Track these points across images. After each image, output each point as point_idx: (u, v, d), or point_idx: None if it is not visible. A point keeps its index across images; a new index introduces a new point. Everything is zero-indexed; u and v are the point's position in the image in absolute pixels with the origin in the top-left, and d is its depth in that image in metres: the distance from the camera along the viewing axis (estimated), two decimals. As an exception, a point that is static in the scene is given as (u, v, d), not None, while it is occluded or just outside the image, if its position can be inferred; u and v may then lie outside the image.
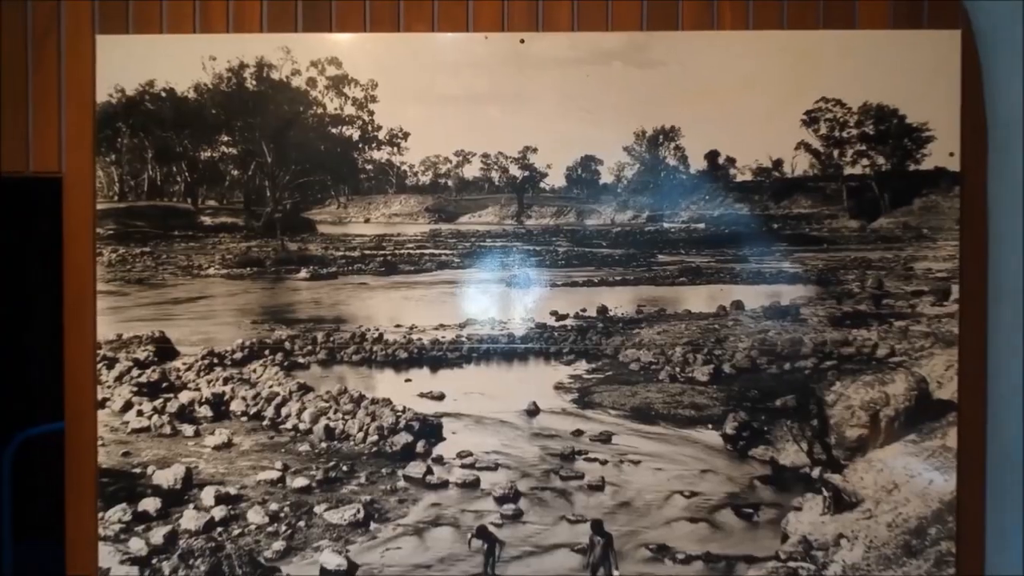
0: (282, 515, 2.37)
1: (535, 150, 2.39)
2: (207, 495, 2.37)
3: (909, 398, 2.36)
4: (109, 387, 2.39)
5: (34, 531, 5.19)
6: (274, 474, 2.38)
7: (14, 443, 4.93)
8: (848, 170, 2.37)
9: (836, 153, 2.36)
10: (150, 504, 2.38)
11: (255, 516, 2.37)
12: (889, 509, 2.36)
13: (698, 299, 2.40)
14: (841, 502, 2.36)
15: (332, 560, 2.36)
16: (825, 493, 2.36)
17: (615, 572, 2.36)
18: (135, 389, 2.39)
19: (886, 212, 2.37)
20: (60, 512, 2.72)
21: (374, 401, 2.39)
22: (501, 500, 2.37)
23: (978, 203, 2.33)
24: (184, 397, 2.39)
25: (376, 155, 2.40)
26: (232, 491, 2.37)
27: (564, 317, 2.40)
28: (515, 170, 2.41)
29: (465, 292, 2.42)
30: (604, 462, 2.37)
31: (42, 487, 5.18)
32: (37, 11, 2.38)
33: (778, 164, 2.36)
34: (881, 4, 2.35)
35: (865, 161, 2.36)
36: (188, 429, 2.39)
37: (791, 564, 2.35)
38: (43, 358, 5.47)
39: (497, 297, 2.41)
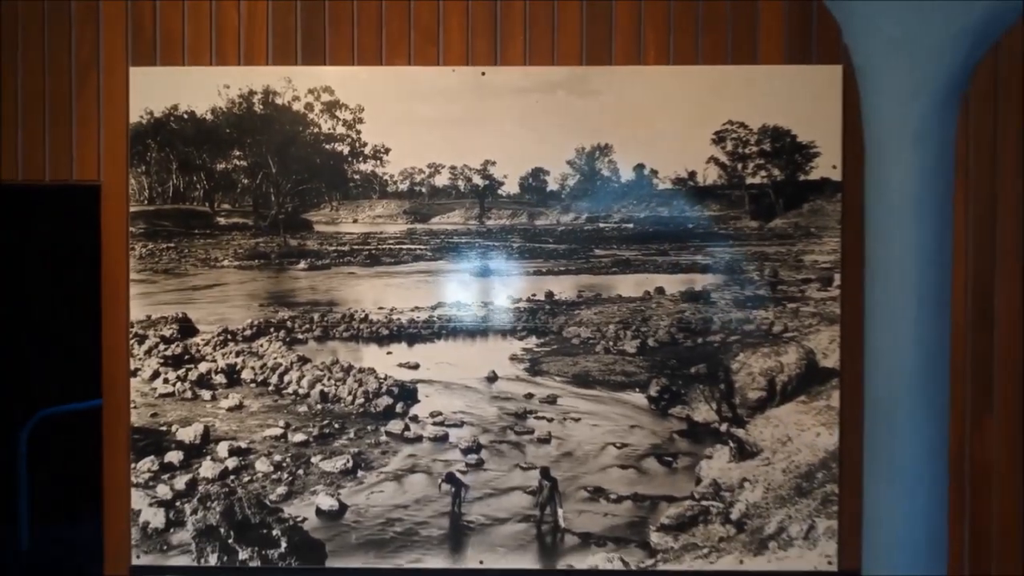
0: (284, 465, 2.85)
1: (494, 163, 2.88)
2: (222, 448, 2.85)
3: (800, 366, 2.87)
4: (140, 359, 2.86)
5: (50, 504, 5.64)
6: (278, 431, 2.86)
7: (31, 422, 5.38)
8: (749, 180, 2.86)
9: (740, 166, 2.85)
10: (174, 456, 2.86)
11: (262, 466, 2.85)
12: (784, 458, 2.87)
13: (627, 286, 2.89)
14: (744, 452, 2.87)
15: (326, 502, 2.85)
16: (731, 444, 2.86)
17: (559, 510, 2.85)
18: (162, 361, 2.86)
19: (780, 214, 2.87)
20: (76, 485, 3.12)
21: (361, 370, 2.88)
22: (466, 451, 2.86)
23: (856, 207, 2.83)
24: (203, 367, 2.87)
25: (362, 167, 2.88)
26: (243, 445, 2.85)
27: (518, 300, 2.89)
28: (477, 179, 2.90)
29: (436, 280, 2.90)
30: (551, 419, 2.86)
31: (57, 462, 5.63)
32: (80, 46, 2.85)
33: (692, 175, 2.86)
34: (777, 43, 2.85)
35: (763, 173, 2.86)
36: (206, 394, 2.87)
37: (703, 503, 2.85)
38: (56, 347, 5.92)
39: (463, 284, 2.89)
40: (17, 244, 5.86)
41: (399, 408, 2.86)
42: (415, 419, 2.86)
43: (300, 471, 2.84)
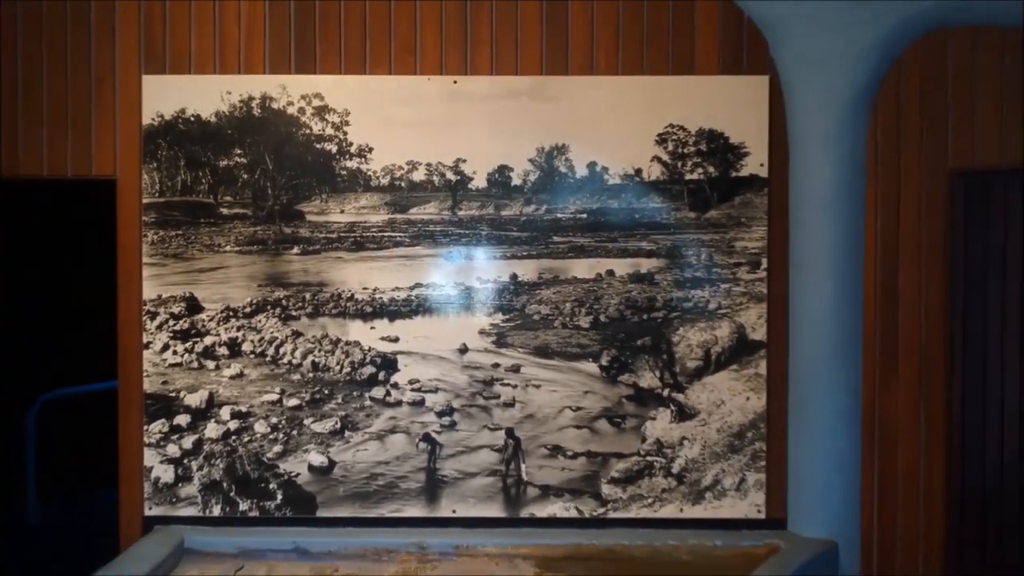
0: (280, 426, 3.24)
1: (465, 160, 3.26)
2: (225, 412, 3.23)
3: (732, 339, 3.28)
4: (152, 333, 3.24)
5: (56, 481, 5.98)
6: (274, 396, 3.24)
7: (36, 404, 5.73)
8: (688, 176, 3.26)
9: (679, 164, 3.26)
10: (182, 419, 3.23)
11: (260, 427, 3.23)
12: (718, 419, 3.27)
13: (582, 268, 3.29)
14: (684, 414, 3.27)
15: (317, 459, 3.23)
16: (672, 407, 3.27)
17: (523, 465, 3.25)
18: (171, 335, 3.24)
19: (715, 206, 3.27)
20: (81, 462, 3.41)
21: (347, 343, 3.26)
22: (440, 414, 3.25)
23: (781, 200, 3.24)
24: (208, 340, 3.25)
25: (349, 164, 3.26)
26: (243, 409, 3.23)
27: (486, 282, 3.28)
28: (450, 175, 3.28)
29: (414, 264, 3.28)
30: (515, 386, 3.25)
31: (61, 441, 5.96)
32: (98, 56, 3.22)
33: (638, 171, 3.26)
34: (712, 56, 3.25)
35: (700, 170, 3.26)
36: (210, 364, 3.25)
37: (648, 459, 3.26)
38: (60, 333, 6.26)
39: (437, 267, 3.28)
40: (26, 237, 6.20)
41: (381, 376, 3.24)
42: (395, 386, 3.24)
43: (294, 432, 3.22)
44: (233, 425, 3.22)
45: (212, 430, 3.22)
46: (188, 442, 3.22)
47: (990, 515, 3.96)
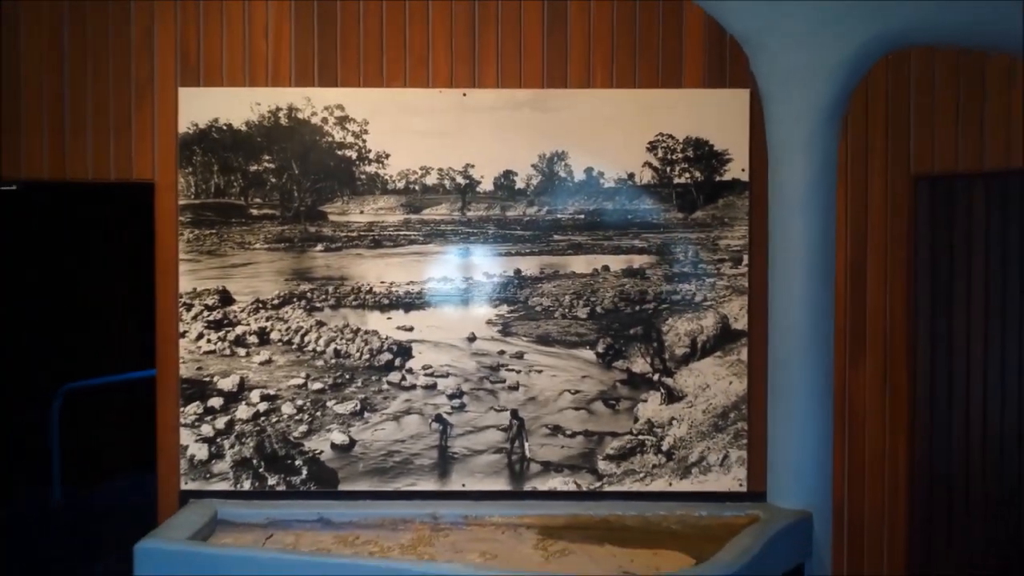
0: (305, 408, 3.55)
1: (473, 166, 3.58)
2: (255, 395, 3.54)
3: (716, 328, 3.60)
4: (187, 323, 3.54)
5: (78, 467, 6.28)
6: (300, 380, 3.55)
7: (59, 395, 6.03)
8: (676, 180, 3.58)
9: (668, 169, 3.58)
10: (216, 402, 3.54)
11: (287, 409, 3.54)
12: (703, 401, 3.60)
13: (580, 264, 3.60)
14: (672, 396, 3.60)
15: (339, 438, 3.55)
16: (662, 390, 3.59)
17: (526, 443, 3.57)
18: (205, 324, 3.55)
19: (701, 207, 3.59)
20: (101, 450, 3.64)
21: (367, 332, 3.57)
22: (451, 397, 3.56)
23: (761, 202, 3.56)
24: (239, 329, 3.55)
25: (368, 169, 3.57)
26: (271, 392, 3.55)
27: (492, 276, 3.60)
28: (460, 179, 3.60)
29: (427, 260, 3.60)
30: (519, 371, 3.57)
31: (83, 429, 6.27)
32: (138, 69, 3.52)
33: (631, 176, 3.58)
34: (698, 71, 3.57)
35: (687, 175, 3.58)
36: (241, 351, 3.55)
37: (640, 437, 3.58)
38: (82, 327, 6.56)
39: (448, 263, 3.60)
40: (62, 238, 6.51)
41: (397, 362, 3.56)
42: (410, 371, 3.56)
43: (318, 413, 3.54)
44: (262, 407, 3.53)
45: (243, 411, 3.52)
46: (221, 423, 3.52)
47: (955, 487, 4.34)
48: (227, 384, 3.53)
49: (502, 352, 3.57)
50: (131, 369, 6.70)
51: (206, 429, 3.53)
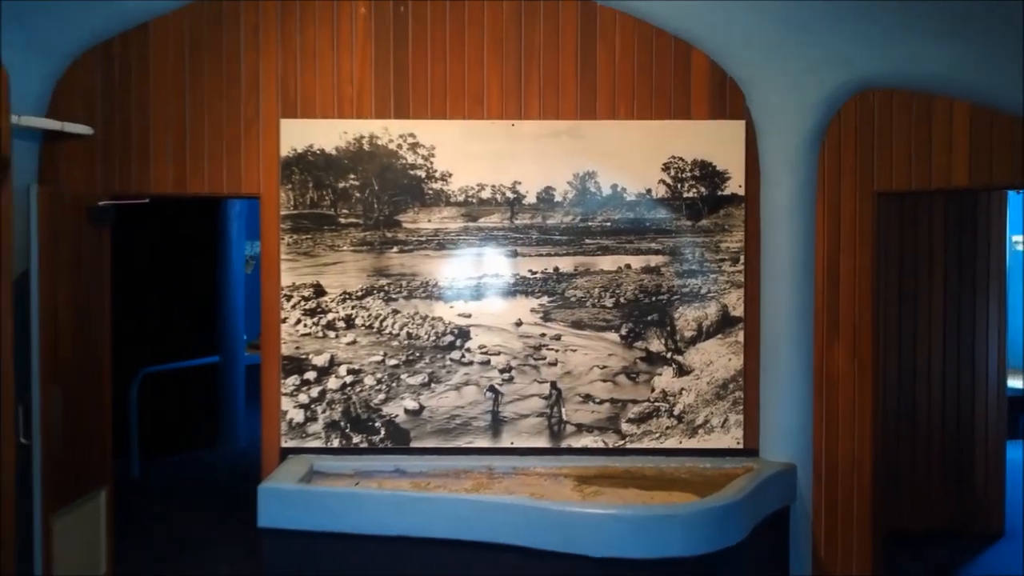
0: (383, 380, 4.35)
1: (520, 183, 4.38)
2: (342, 369, 4.34)
3: (718, 315, 4.41)
4: (287, 311, 4.34)
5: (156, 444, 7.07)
6: (378, 357, 4.35)
7: (138, 377, 6.82)
8: (685, 194, 4.39)
9: (679, 185, 4.39)
10: (311, 375, 4.34)
11: (369, 381, 4.34)
12: (708, 374, 4.41)
13: (607, 263, 4.40)
14: (682, 371, 4.41)
15: (411, 405, 4.35)
16: (673, 366, 4.40)
17: (563, 409, 4.38)
18: (302, 312, 4.35)
19: (706, 216, 4.40)
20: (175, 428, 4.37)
21: (433, 318, 4.37)
22: (502, 371, 4.37)
23: (754, 212, 4.37)
24: (330, 316, 4.35)
25: (434, 185, 4.38)
26: (356, 367, 4.34)
27: (535, 272, 4.40)
28: (509, 193, 4.40)
29: (482, 259, 4.40)
30: (557, 350, 4.37)
31: (159, 410, 7.06)
32: (247, 104, 4.32)
33: (649, 191, 4.39)
34: (703, 105, 4.38)
35: (695, 190, 4.39)
36: (332, 334, 4.35)
37: (656, 404, 4.39)
38: (160, 316, 7.35)
39: (499, 262, 4.40)
40: (161, 243, 7.35)
41: (458, 343, 4.36)
42: (468, 350, 4.36)
43: (393, 384, 4.34)
44: (348, 379, 4.33)
45: (332, 383, 4.32)
46: (315, 392, 4.32)
47: (917, 443, 5.19)
48: (320, 360, 4.33)
49: (543, 335, 4.37)
50: (191, 357, 7.52)
51: (302, 397, 4.32)
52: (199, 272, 7.63)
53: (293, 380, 4.33)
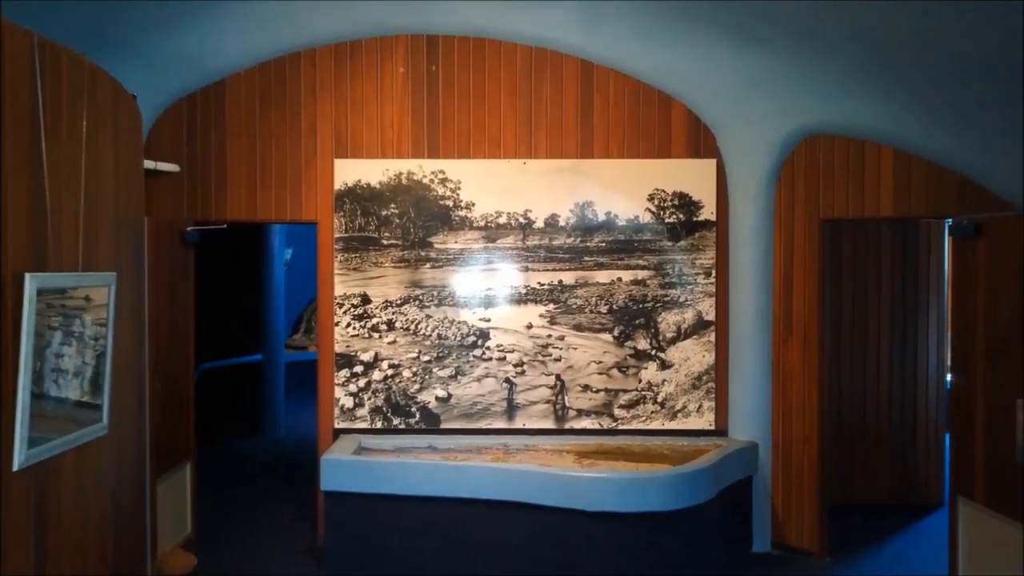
0: (417, 373, 5.29)
1: (530, 210, 5.32)
2: (384, 364, 5.28)
3: (694, 320, 5.34)
4: (339, 316, 5.29)
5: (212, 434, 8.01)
6: (414, 354, 5.30)
7: (196, 372, 7.76)
8: (667, 220, 5.32)
9: (662, 212, 5.32)
10: (359, 368, 5.29)
11: (406, 373, 5.29)
12: (685, 368, 5.34)
13: (602, 276, 5.34)
14: (664, 365, 5.34)
15: (441, 393, 5.29)
16: (657, 361, 5.33)
17: (566, 397, 5.31)
18: (352, 317, 5.29)
19: (683, 238, 5.33)
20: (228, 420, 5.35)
21: (459, 322, 5.31)
22: (515, 365, 5.31)
23: (724, 234, 5.30)
24: (374, 320, 5.30)
25: (460, 213, 5.32)
26: (396, 362, 5.29)
27: (543, 284, 5.34)
28: (521, 219, 5.33)
29: (499, 273, 5.34)
30: (561, 348, 5.31)
31: (215, 403, 8.01)
32: (306, 145, 5.28)
33: (636, 217, 5.32)
34: (681, 146, 5.31)
35: (674, 216, 5.32)
36: (376, 335, 5.30)
37: (642, 393, 5.32)
38: (216, 320, 8.31)
39: (514, 276, 5.33)
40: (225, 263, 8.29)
41: (479, 342, 5.30)
42: (488, 348, 5.30)
43: (426, 376, 5.28)
44: (389, 372, 5.27)
45: (376, 375, 5.27)
46: (362, 382, 5.27)
47: (867, 429, 6.14)
48: (366, 357, 5.28)
49: (550, 335, 5.31)
50: (236, 356, 8.48)
51: (352, 387, 5.27)
52: (245, 280, 8.59)
53: (344, 373, 5.27)
